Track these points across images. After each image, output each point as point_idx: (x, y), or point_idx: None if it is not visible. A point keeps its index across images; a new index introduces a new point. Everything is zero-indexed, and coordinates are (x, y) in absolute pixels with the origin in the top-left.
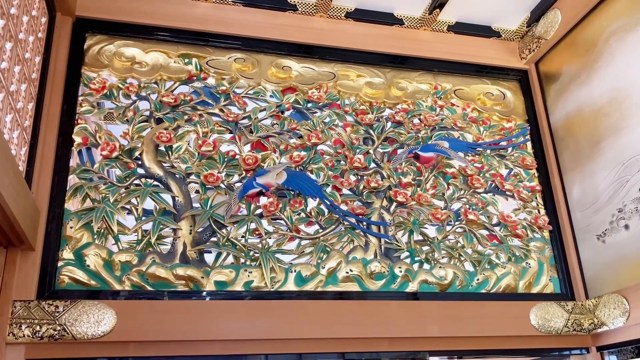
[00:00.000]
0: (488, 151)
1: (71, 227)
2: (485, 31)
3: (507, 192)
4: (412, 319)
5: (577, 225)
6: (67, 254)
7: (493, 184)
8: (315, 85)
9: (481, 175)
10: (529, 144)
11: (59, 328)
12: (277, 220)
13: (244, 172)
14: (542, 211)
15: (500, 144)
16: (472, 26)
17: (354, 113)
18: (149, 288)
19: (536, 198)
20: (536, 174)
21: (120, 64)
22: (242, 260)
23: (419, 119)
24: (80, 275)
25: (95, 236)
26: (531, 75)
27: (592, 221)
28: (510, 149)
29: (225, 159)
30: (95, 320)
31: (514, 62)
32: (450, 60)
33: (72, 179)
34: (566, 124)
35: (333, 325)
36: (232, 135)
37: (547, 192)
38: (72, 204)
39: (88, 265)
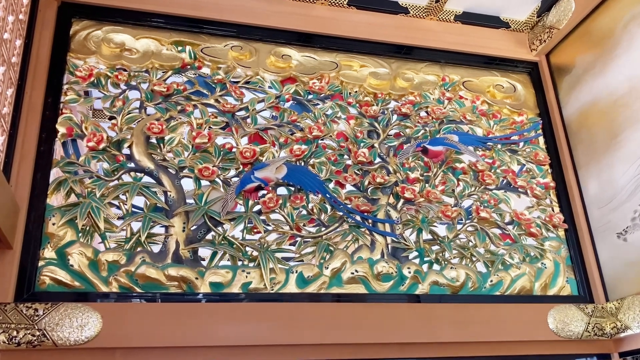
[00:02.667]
0: (499, 146)
1: (53, 224)
2: (493, 21)
3: (520, 189)
4: (422, 323)
5: (595, 223)
6: (48, 252)
7: (505, 180)
8: (317, 75)
9: (492, 171)
10: (541, 138)
11: (38, 333)
12: (277, 218)
13: (241, 166)
14: (557, 209)
15: (512, 138)
16: (480, 16)
17: (357, 105)
18: (138, 290)
19: (549, 195)
20: (549, 170)
21: (109, 50)
22: (239, 260)
23: (426, 112)
24: (63, 275)
25: (80, 234)
26: (542, 68)
27: (611, 218)
28: (522, 144)
29: (221, 152)
30: (78, 325)
31: (523, 53)
32: (457, 51)
33: (56, 173)
34: (580, 117)
35: (337, 329)
36: (228, 127)
37: (561, 188)
38: (55, 199)
39: (72, 265)
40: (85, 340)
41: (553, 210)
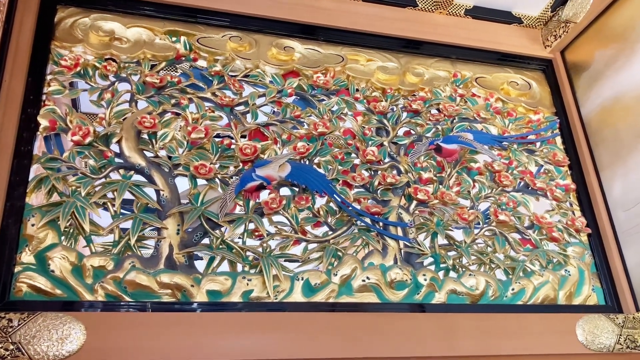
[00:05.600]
0: (515, 145)
1: (33, 225)
2: (505, 17)
3: (539, 191)
4: (440, 335)
5: (620, 227)
6: (26, 257)
7: (522, 182)
8: (321, 69)
9: (509, 171)
10: (558, 138)
11: (12, 347)
12: (280, 220)
13: (240, 164)
14: (578, 213)
15: (528, 137)
16: (491, 11)
17: (365, 100)
18: (127, 298)
19: (570, 198)
20: (569, 172)
21: (97, 39)
22: (239, 266)
23: (438, 109)
24: (43, 282)
25: (63, 236)
26: (557, 65)
27: None
28: (539, 144)
29: (219, 149)
30: (58, 337)
31: (537, 50)
32: (469, 47)
33: (36, 169)
34: (601, 115)
35: (348, 342)
36: (226, 122)
37: (582, 190)
38: (35, 198)
39: (52, 271)
40: (67, 355)
41: (574, 214)
